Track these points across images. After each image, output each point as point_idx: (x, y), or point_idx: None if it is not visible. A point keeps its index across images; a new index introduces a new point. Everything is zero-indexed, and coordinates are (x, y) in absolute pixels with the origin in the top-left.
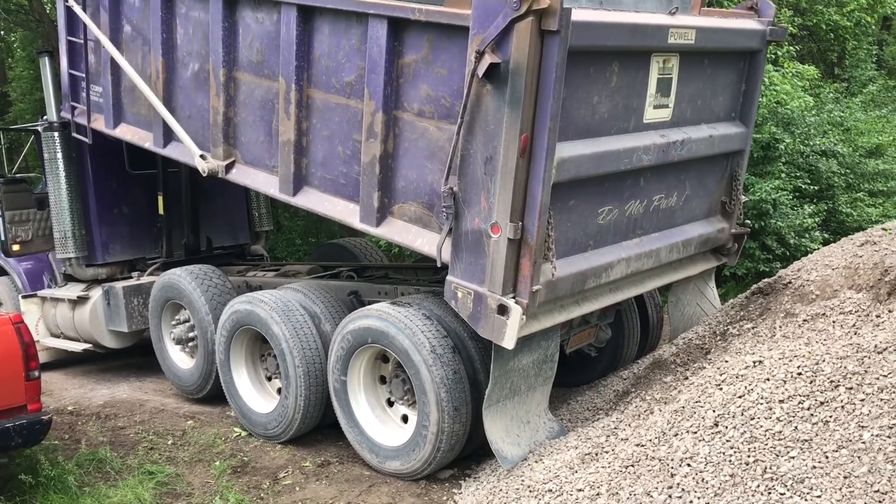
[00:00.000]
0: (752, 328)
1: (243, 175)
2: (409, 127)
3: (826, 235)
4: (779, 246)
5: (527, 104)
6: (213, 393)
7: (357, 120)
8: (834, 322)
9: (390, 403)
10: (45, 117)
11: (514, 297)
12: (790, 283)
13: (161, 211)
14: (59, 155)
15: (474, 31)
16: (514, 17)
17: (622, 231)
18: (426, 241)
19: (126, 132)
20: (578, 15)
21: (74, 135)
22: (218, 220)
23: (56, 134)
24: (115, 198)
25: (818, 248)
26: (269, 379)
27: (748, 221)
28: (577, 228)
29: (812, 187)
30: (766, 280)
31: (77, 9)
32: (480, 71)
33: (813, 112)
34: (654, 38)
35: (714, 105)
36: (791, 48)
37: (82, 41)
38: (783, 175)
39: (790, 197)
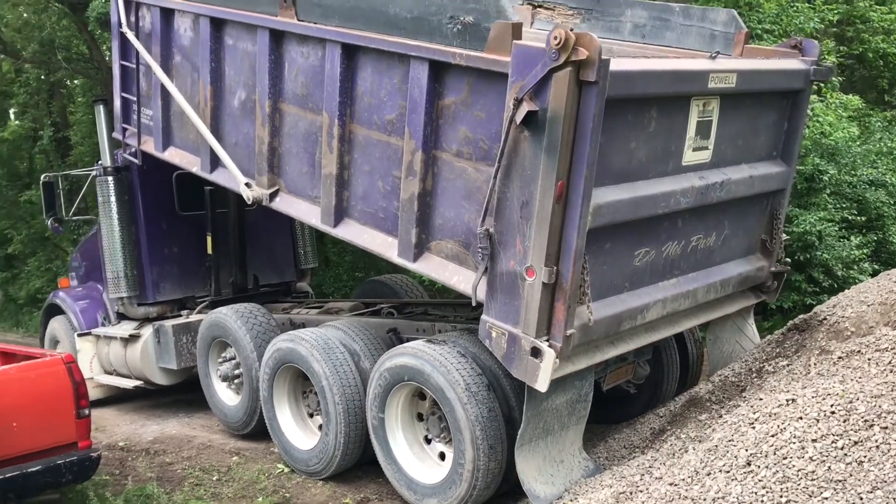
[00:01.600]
0: (787, 365)
1: (287, 204)
2: (448, 167)
3: (876, 266)
4: (826, 278)
5: (563, 152)
6: (258, 429)
7: (397, 157)
8: (869, 360)
9: (428, 441)
10: (99, 162)
11: (547, 341)
12: (825, 319)
13: (210, 250)
14: (113, 198)
15: (513, 78)
16: (553, 66)
17: (659, 272)
18: (462, 279)
19: (174, 155)
20: (617, 64)
21: (126, 155)
22: (264, 258)
23: (110, 178)
24: (165, 238)
25: (867, 280)
26: (311, 416)
27: (787, 259)
28: (613, 271)
29: (860, 218)
30: (801, 316)
31: (130, 36)
32: (518, 118)
33: (858, 142)
34: (695, 84)
35: (755, 145)
36: (835, 79)
37: (134, 66)
38: (829, 206)
39: (836, 228)
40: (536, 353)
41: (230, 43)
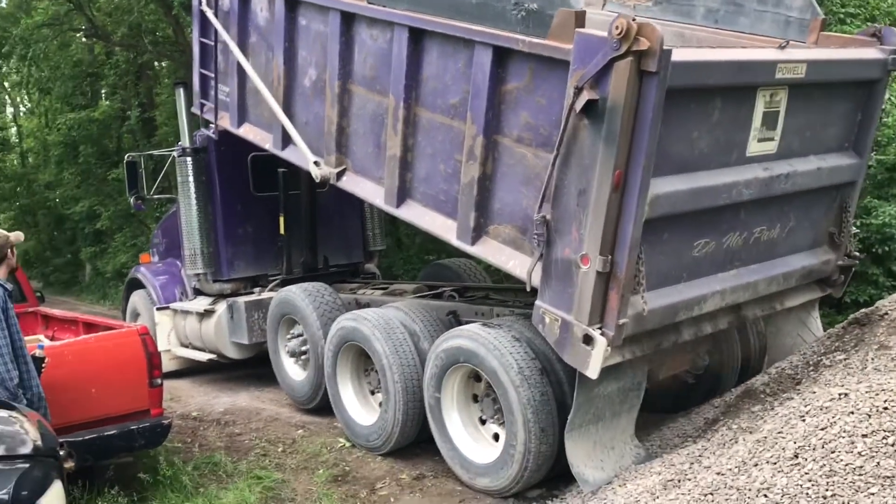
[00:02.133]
0: (845, 359)
1: (353, 183)
2: (508, 152)
3: None
4: None
5: (622, 141)
6: (322, 404)
7: (459, 141)
8: None
9: (482, 421)
10: (179, 143)
11: (600, 328)
12: (887, 314)
13: (282, 231)
14: (191, 178)
15: (574, 66)
16: (614, 56)
17: (718, 263)
18: (518, 264)
19: (248, 132)
20: (679, 55)
21: (208, 133)
22: (334, 239)
23: (189, 159)
24: (240, 218)
25: None
26: (373, 393)
27: (857, 253)
28: (670, 261)
29: None
30: (863, 310)
31: (210, 14)
32: (578, 106)
33: None
34: (761, 75)
35: (825, 136)
36: None
37: (213, 43)
38: None
39: None
40: (588, 340)
41: (303, 24)
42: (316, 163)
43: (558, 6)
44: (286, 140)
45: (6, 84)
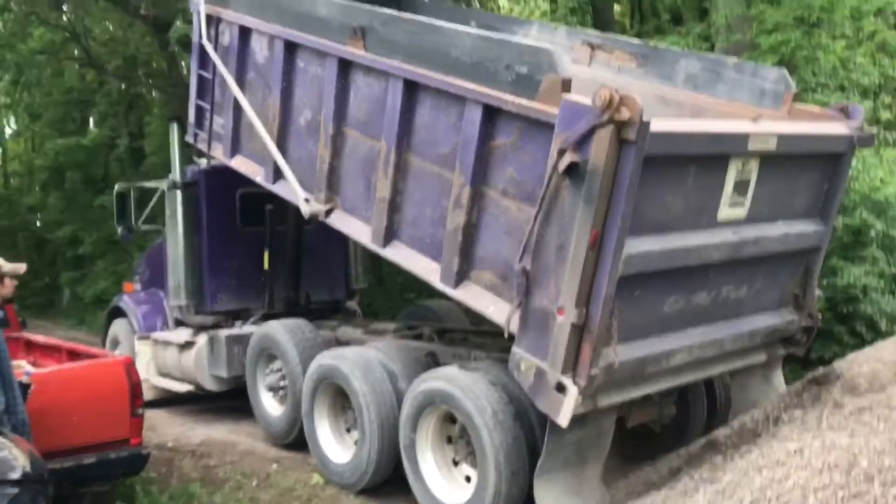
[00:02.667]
0: (802, 416)
1: (341, 221)
2: (493, 203)
3: None
4: (869, 332)
5: (600, 203)
6: (298, 439)
7: (447, 189)
8: (878, 416)
9: (455, 463)
10: (170, 176)
11: (572, 378)
12: (842, 374)
13: (266, 266)
14: (180, 211)
15: (559, 129)
16: (597, 123)
17: (687, 319)
18: (498, 310)
19: (241, 164)
20: (658, 125)
21: (195, 159)
22: (317, 276)
23: (178, 192)
24: (226, 252)
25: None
26: (348, 430)
27: (819, 315)
28: (642, 316)
29: None
30: (821, 370)
31: (209, 49)
32: (561, 167)
33: None
34: (734, 146)
35: (793, 203)
36: (889, 134)
37: (210, 77)
38: (877, 261)
39: (882, 284)
40: (561, 388)
41: (301, 66)
42: (306, 199)
43: (546, 72)
44: (277, 174)
45: None
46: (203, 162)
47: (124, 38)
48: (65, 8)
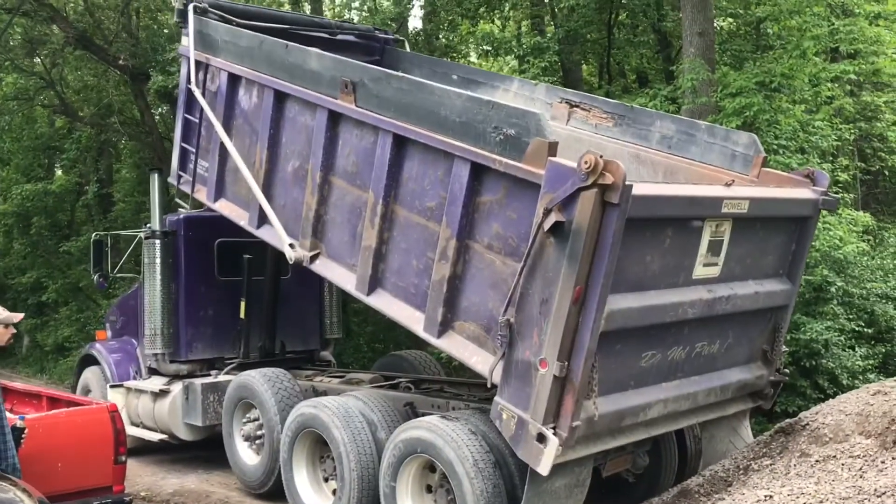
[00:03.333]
0: (771, 465)
1: (325, 268)
2: (478, 256)
3: (882, 377)
4: (831, 386)
5: (583, 260)
6: (274, 489)
7: (433, 241)
8: (843, 464)
9: None
10: (148, 225)
11: (553, 429)
12: (808, 424)
13: (242, 315)
14: (158, 259)
15: (545, 189)
16: (581, 186)
17: (663, 374)
18: (480, 360)
19: (224, 207)
20: (639, 189)
21: (177, 200)
22: (292, 326)
23: (157, 242)
24: (202, 301)
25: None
26: (326, 480)
27: (786, 370)
28: (621, 370)
29: (868, 330)
30: (787, 420)
31: (197, 93)
32: (546, 226)
33: (866, 257)
34: (709, 209)
35: (763, 263)
36: (846, 195)
37: (197, 120)
38: (838, 317)
39: (844, 338)
40: (542, 438)
41: (290, 115)
42: (291, 245)
43: (534, 135)
44: (262, 219)
45: None
46: (182, 212)
47: (99, 86)
48: (39, 55)
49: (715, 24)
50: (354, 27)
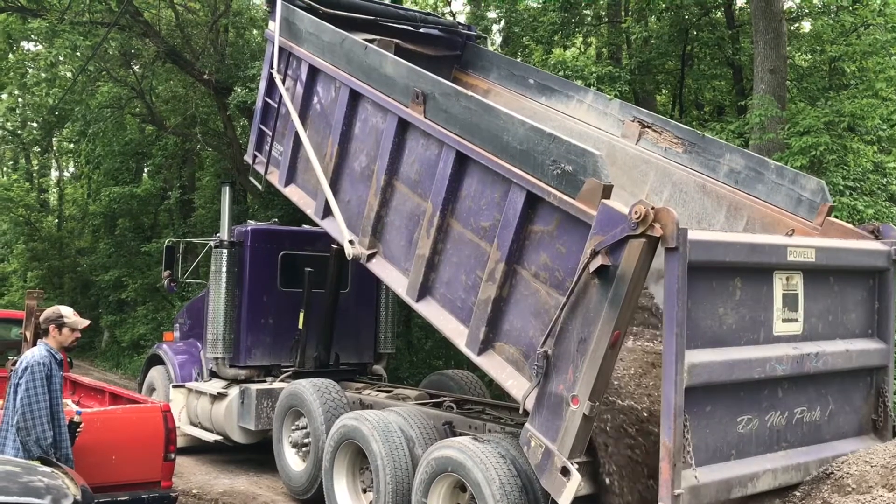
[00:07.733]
0: None
1: (380, 268)
2: (524, 283)
3: None
4: None
5: (625, 306)
6: (317, 496)
7: (483, 260)
8: None
9: None
10: (217, 235)
11: (577, 464)
12: (832, 473)
13: (301, 325)
14: (224, 268)
15: (594, 231)
16: (630, 234)
17: (764, 442)
18: (516, 384)
19: (293, 193)
20: (695, 235)
21: (250, 179)
22: (348, 339)
23: (224, 251)
24: (264, 310)
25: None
26: (364, 491)
27: None
28: (716, 436)
29: None
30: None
31: (278, 79)
32: (592, 267)
33: None
34: (773, 256)
35: (847, 321)
36: None
37: (275, 105)
38: None
39: None
40: (566, 472)
41: (363, 115)
42: (350, 241)
43: (590, 175)
44: (327, 211)
45: (57, 151)
46: (250, 223)
47: (185, 97)
48: (132, 67)
49: (789, 60)
50: (438, 21)
